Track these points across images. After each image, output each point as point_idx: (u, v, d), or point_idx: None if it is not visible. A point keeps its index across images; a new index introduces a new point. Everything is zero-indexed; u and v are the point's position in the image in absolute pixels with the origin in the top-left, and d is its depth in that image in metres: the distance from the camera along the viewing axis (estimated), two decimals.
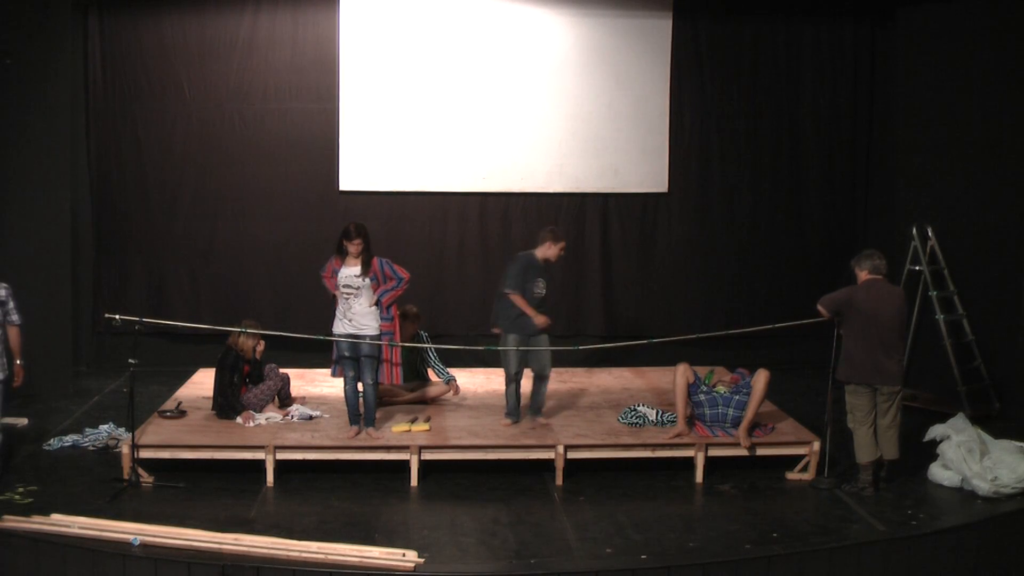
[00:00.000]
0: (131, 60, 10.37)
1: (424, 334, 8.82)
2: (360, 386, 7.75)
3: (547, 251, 7.97)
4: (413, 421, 7.92)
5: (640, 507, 7.10)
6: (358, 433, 7.65)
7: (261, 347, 8.23)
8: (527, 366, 8.01)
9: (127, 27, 10.33)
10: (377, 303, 7.68)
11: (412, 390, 8.65)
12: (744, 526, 6.74)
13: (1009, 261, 9.36)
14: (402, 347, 7.96)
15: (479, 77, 10.59)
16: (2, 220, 9.39)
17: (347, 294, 7.63)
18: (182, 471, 7.40)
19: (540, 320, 7.82)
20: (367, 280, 7.62)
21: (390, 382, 7.97)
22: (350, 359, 7.70)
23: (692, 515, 7.06)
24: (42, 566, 6.12)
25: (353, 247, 7.63)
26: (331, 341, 7.76)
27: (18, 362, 7.22)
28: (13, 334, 7.20)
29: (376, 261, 7.68)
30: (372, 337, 7.65)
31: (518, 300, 7.81)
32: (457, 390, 8.75)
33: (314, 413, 8.17)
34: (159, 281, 10.63)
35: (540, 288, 7.89)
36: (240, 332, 8.04)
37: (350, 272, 7.62)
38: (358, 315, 7.64)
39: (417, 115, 10.56)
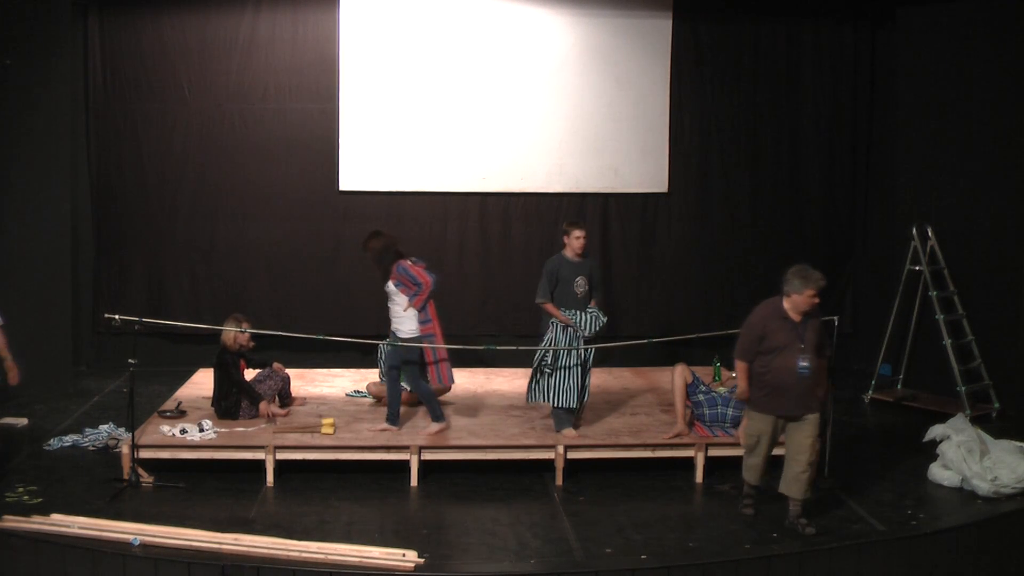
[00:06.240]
0: (131, 60, 10.36)
1: None
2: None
3: (568, 245, 8.03)
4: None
5: (640, 507, 7.10)
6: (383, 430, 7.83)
7: (244, 339, 8.14)
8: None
9: (127, 27, 10.32)
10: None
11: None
12: (744, 526, 6.75)
13: (1009, 261, 9.36)
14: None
15: (479, 77, 10.59)
16: (2, 220, 9.40)
17: (388, 300, 7.88)
18: (182, 471, 7.40)
19: (567, 320, 7.89)
20: (392, 286, 7.78)
21: (437, 383, 7.95)
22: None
23: (692, 515, 7.06)
24: (42, 566, 6.12)
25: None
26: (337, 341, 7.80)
27: (9, 360, 7.18)
28: None
29: (395, 268, 7.76)
30: (402, 340, 7.78)
31: (549, 307, 7.89)
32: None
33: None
34: (159, 281, 10.62)
35: (580, 286, 7.93)
36: (240, 330, 8.04)
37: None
38: (393, 320, 7.87)
39: (417, 115, 10.55)
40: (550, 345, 7.82)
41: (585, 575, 6.10)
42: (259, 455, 7.43)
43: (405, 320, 7.78)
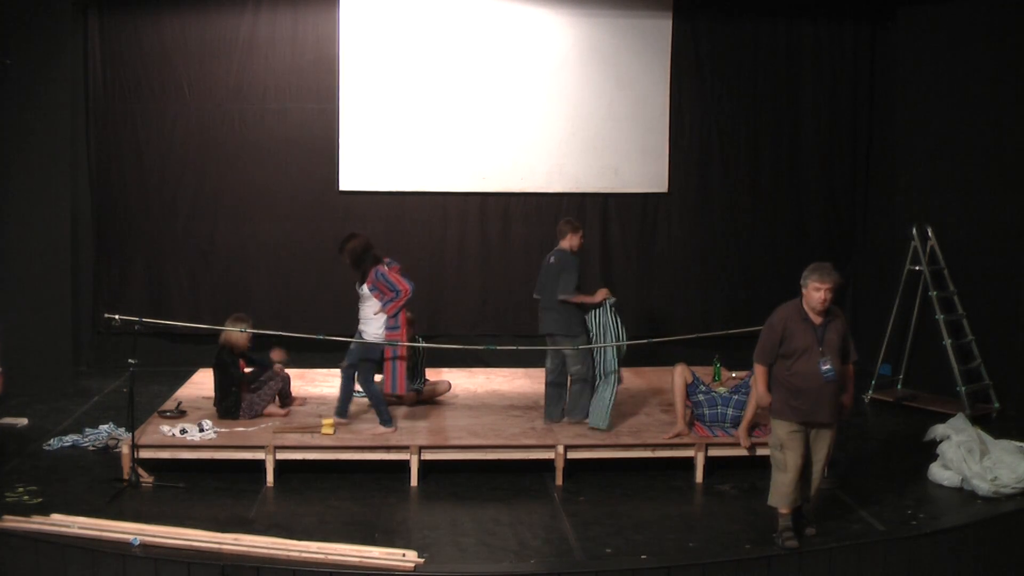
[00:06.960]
0: (131, 60, 10.36)
1: (419, 338, 8.81)
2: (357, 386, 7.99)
3: (571, 242, 8.10)
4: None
5: (640, 507, 7.10)
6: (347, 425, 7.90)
7: (245, 339, 8.13)
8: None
9: (127, 27, 10.32)
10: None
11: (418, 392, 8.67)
12: (744, 526, 6.74)
13: (1009, 261, 9.36)
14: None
15: (479, 77, 10.59)
16: (2, 220, 9.40)
17: (360, 300, 7.89)
18: (182, 471, 7.40)
19: (602, 294, 8.05)
20: (365, 289, 7.79)
21: (390, 391, 7.95)
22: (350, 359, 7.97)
23: (692, 515, 7.06)
24: (42, 566, 6.12)
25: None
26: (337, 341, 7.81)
27: None
28: None
29: (372, 272, 7.75)
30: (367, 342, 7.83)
31: (580, 297, 8.00)
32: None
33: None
34: (159, 281, 10.62)
35: None
36: (240, 331, 8.04)
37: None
38: (362, 320, 7.87)
39: (417, 115, 10.55)
40: (615, 340, 7.92)
41: (585, 575, 6.10)
42: (259, 455, 7.42)
43: (372, 323, 7.80)
